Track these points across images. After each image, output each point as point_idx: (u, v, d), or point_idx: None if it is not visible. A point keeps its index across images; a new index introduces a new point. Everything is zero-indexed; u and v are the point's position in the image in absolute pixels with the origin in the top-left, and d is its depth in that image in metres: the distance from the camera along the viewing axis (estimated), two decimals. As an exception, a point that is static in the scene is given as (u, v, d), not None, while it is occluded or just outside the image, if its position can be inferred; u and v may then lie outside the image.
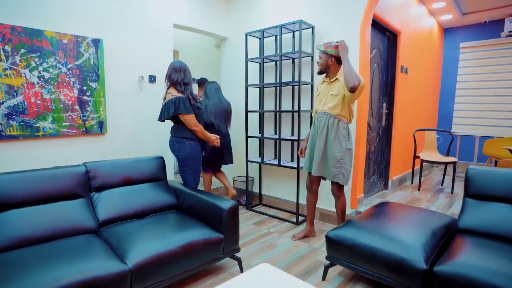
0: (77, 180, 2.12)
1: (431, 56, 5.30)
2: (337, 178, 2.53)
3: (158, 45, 3.27)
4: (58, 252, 1.69)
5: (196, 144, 2.69)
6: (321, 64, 2.57)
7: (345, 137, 2.51)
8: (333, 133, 2.51)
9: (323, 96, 2.62)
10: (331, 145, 2.52)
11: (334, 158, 2.51)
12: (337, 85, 2.54)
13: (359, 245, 1.86)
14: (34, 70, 2.42)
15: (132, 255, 1.71)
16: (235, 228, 2.17)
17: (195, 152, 2.67)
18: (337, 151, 2.50)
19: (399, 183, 4.34)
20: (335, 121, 2.52)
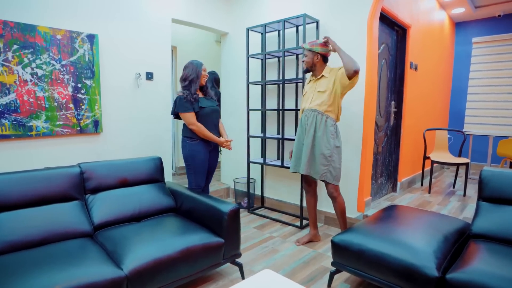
0: (71, 182, 2.11)
1: (442, 51, 5.27)
2: (325, 176, 2.57)
3: (156, 41, 3.26)
4: (51, 256, 1.69)
5: (198, 144, 2.69)
6: (307, 62, 2.63)
7: (333, 134, 2.56)
8: (321, 130, 2.56)
9: (309, 94, 2.69)
10: (319, 142, 2.56)
11: (322, 156, 2.55)
12: (323, 82, 2.61)
13: (366, 250, 1.85)
14: (27, 67, 2.42)
15: (128, 260, 1.70)
16: (236, 232, 2.16)
17: (195, 152, 2.68)
18: (325, 148, 2.54)
19: (408, 185, 4.32)
20: (323, 118, 2.56)
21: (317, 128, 2.58)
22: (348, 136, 3.12)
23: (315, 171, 2.60)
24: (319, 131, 2.57)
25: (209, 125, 2.73)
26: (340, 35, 3.11)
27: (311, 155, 2.61)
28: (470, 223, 2.14)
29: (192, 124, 2.64)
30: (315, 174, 2.60)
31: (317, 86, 2.64)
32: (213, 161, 2.88)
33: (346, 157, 3.14)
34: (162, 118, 3.38)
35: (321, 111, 2.57)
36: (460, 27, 5.89)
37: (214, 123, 2.79)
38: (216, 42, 5.48)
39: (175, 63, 4.94)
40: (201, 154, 2.71)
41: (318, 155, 2.56)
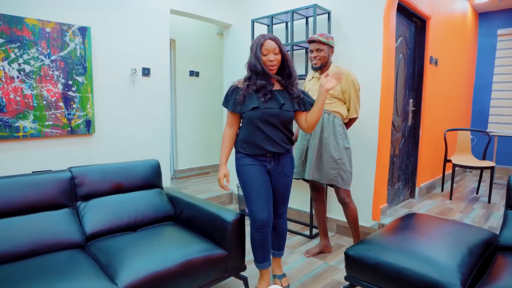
0: (61, 188, 2.11)
1: (464, 45, 5.22)
2: (335, 180, 2.54)
3: (153, 34, 3.26)
4: (40, 270, 1.68)
5: (242, 157, 2.13)
6: (322, 57, 2.55)
7: (341, 135, 2.54)
8: (329, 130, 2.53)
9: (313, 92, 2.64)
10: (326, 144, 2.53)
11: (331, 158, 2.52)
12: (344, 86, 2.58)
13: (384, 264, 1.82)
14: (13, 62, 2.42)
15: (123, 275, 1.69)
16: (240, 243, 2.15)
17: (240, 167, 2.14)
18: (334, 150, 2.52)
19: (428, 190, 4.28)
20: (330, 118, 2.54)
21: (324, 129, 2.55)
22: (362, 137, 3.10)
23: (322, 176, 2.58)
24: (326, 132, 2.54)
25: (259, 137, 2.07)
26: (353, 27, 3.08)
27: (318, 159, 2.58)
28: (496, 234, 2.11)
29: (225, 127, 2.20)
30: (323, 179, 2.57)
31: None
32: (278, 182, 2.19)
33: (360, 160, 3.12)
34: (160, 118, 3.37)
35: (327, 110, 2.55)
36: (484, 18, 5.83)
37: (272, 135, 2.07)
38: (218, 34, 5.48)
39: (173, 58, 4.94)
40: (249, 171, 2.10)
41: (327, 158, 2.54)
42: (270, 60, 2.00)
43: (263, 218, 2.09)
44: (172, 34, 4.84)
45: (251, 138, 2.08)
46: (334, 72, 2.15)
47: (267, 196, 2.12)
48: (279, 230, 2.35)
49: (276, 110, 2.03)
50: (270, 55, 2.00)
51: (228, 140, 2.16)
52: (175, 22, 4.82)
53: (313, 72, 2.74)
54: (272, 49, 2.00)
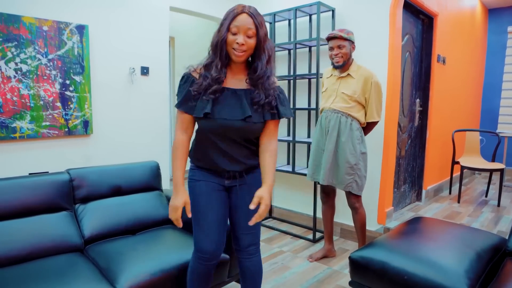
0: (59, 190, 2.14)
1: (473, 42, 5.24)
2: (350, 187, 2.55)
3: (152, 32, 3.28)
4: (38, 274, 1.71)
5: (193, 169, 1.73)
6: (345, 54, 2.52)
7: (359, 139, 2.53)
8: (346, 134, 2.52)
9: (331, 92, 2.63)
10: (343, 148, 2.52)
11: (347, 164, 2.52)
12: (351, 83, 2.54)
13: (390, 269, 1.84)
14: (10, 61, 2.45)
15: (123, 279, 1.72)
16: (242, 247, 2.17)
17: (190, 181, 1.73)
18: (350, 156, 2.50)
19: (435, 193, 4.30)
20: (348, 121, 2.53)
21: (341, 132, 2.53)
22: (367, 139, 3.11)
23: (338, 181, 2.58)
24: (343, 135, 2.52)
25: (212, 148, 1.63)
26: (358, 25, 3.10)
27: (333, 163, 2.58)
28: (506, 239, 2.13)
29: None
30: (339, 184, 2.58)
31: (341, 85, 2.58)
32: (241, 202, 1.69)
33: (365, 162, 3.14)
34: (159, 118, 3.40)
35: (345, 112, 2.53)
36: (493, 14, 5.85)
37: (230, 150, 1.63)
38: (218, 32, 5.50)
39: (172, 56, 4.97)
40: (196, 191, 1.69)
41: (343, 163, 2.53)
42: (237, 43, 1.48)
43: (209, 249, 1.65)
44: (171, 31, 4.86)
45: (203, 152, 1.65)
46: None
47: (218, 220, 1.66)
48: (249, 273, 1.74)
49: (237, 122, 1.54)
50: (239, 35, 1.49)
51: (181, 150, 1.62)
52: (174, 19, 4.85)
53: (331, 69, 2.71)
54: (245, 28, 1.49)
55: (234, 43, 1.49)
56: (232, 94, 1.57)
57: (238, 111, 1.55)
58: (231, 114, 1.55)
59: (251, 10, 1.53)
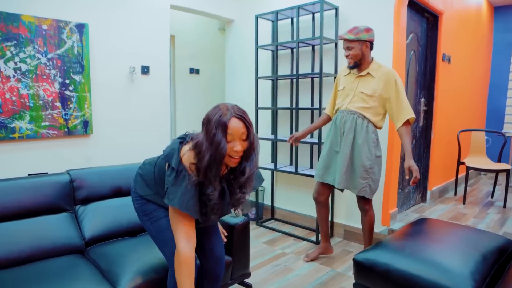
0: (59, 191, 2.16)
1: (479, 41, 5.25)
2: (364, 191, 2.55)
3: (153, 31, 3.31)
4: (38, 276, 1.73)
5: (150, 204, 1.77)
6: (355, 55, 2.49)
7: (374, 142, 2.53)
8: (362, 137, 2.50)
9: (349, 91, 2.60)
10: (359, 151, 2.51)
11: (363, 167, 2.51)
12: (370, 82, 2.51)
13: (394, 271, 1.86)
14: (9, 61, 2.48)
15: (125, 281, 1.74)
16: (245, 249, 2.20)
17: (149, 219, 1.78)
18: (366, 159, 2.50)
19: (440, 194, 4.31)
20: (364, 123, 2.51)
21: (357, 135, 2.51)
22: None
23: (353, 185, 2.57)
24: (359, 138, 2.50)
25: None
26: (362, 23, 3.12)
27: (349, 166, 2.55)
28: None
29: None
30: (353, 188, 2.58)
31: (360, 84, 2.54)
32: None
33: (368, 163, 3.16)
34: (160, 118, 3.42)
35: (362, 114, 2.51)
36: (500, 12, 5.86)
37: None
38: (220, 30, 5.52)
39: (172, 55, 4.99)
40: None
41: (358, 167, 2.52)
42: (235, 151, 1.40)
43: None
44: (171, 30, 4.88)
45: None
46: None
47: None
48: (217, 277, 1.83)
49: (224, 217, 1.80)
50: (235, 142, 1.40)
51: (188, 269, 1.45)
52: (174, 17, 4.87)
53: (345, 67, 2.68)
54: (239, 134, 1.40)
55: (231, 151, 1.40)
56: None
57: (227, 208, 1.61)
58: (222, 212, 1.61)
59: (236, 111, 1.42)
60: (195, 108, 5.31)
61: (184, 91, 5.15)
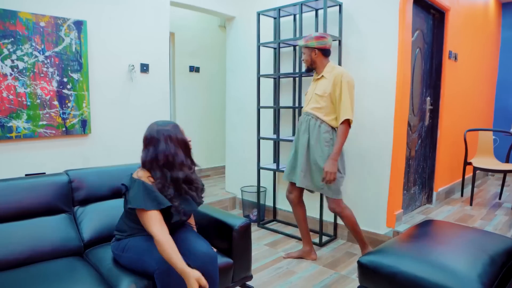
0: (58, 192, 2.16)
1: (486, 38, 5.25)
2: (323, 190, 2.71)
3: (152, 28, 3.32)
4: (36, 278, 1.73)
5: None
6: (306, 60, 2.74)
7: (327, 142, 2.66)
8: (315, 137, 2.68)
9: (309, 95, 2.83)
10: (313, 150, 2.69)
11: (316, 166, 2.68)
12: (323, 83, 2.70)
13: (399, 273, 1.86)
14: (6, 59, 2.49)
15: (125, 284, 1.74)
16: (246, 251, 2.20)
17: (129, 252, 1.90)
18: (319, 158, 2.66)
19: (446, 195, 4.31)
20: (317, 123, 2.68)
21: (310, 135, 2.70)
22: (376, 138, 3.14)
23: (313, 184, 2.73)
24: (312, 138, 2.69)
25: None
26: (367, 20, 3.12)
27: (306, 165, 2.73)
28: (521, 243, 2.15)
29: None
30: (314, 187, 2.74)
31: (316, 87, 2.74)
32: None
33: (373, 163, 3.16)
34: (159, 117, 3.41)
35: (315, 115, 2.69)
36: (508, 8, 5.85)
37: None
38: (220, 27, 5.53)
39: (172, 52, 5.00)
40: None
41: (313, 166, 2.70)
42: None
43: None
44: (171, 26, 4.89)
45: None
46: None
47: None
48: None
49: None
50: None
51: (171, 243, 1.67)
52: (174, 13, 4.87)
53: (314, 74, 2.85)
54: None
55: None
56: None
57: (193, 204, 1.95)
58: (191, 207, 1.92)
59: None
60: (195, 107, 5.32)
61: (184, 90, 5.16)
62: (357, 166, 3.28)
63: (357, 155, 3.27)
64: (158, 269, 1.67)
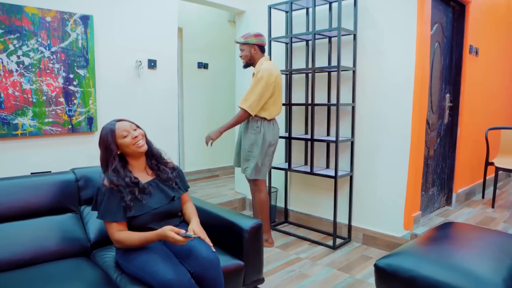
0: (64, 191, 2.18)
1: (510, 31, 5.16)
2: (246, 171, 3.19)
3: (160, 23, 3.32)
4: (42, 279, 1.75)
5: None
6: (245, 56, 3.16)
7: (254, 130, 3.12)
8: (244, 125, 3.22)
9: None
10: (243, 137, 3.21)
11: (243, 151, 3.19)
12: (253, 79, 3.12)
13: (419, 278, 1.83)
14: (12, 54, 2.51)
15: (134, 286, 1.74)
16: (258, 253, 2.19)
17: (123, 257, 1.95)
18: (246, 144, 3.16)
19: (466, 197, 4.25)
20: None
21: (244, 125, 3.23)
22: (392, 136, 3.11)
23: (242, 167, 3.25)
24: (242, 126, 3.25)
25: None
26: (383, 13, 3.09)
27: (239, 151, 3.30)
28: (548, 246, 2.10)
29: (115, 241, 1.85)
30: (242, 170, 3.25)
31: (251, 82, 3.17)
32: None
33: (389, 163, 3.13)
34: (167, 115, 3.44)
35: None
36: (531, 0, 5.74)
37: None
38: (230, 22, 5.53)
39: (180, 48, 5.01)
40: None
41: (242, 151, 3.21)
42: (135, 137, 1.90)
43: (171, 276, 1.67)
44: (179, 22, 4.91)
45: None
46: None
47: (165, 255, 1.81)
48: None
49: (166, 206, 1.96)
50: (131, 133, 1.90)
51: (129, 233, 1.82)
52: (182, 8, 4.89)
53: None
54: (128, 127, 1.92)
55: (133, 140, 1.89)
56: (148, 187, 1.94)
57: (161, 197, 1.96)
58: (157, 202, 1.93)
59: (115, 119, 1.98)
60: (203, 105, 5.33)
61: (192, 87, 5.17)
62: (373, 165, 3.25)
63: (373, 153, 3.24)
64: None
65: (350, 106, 3.31)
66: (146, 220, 1.89)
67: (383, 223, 3.22)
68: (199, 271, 1.76)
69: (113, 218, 1.82)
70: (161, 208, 1.94)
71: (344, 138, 3.31)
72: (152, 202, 1.91)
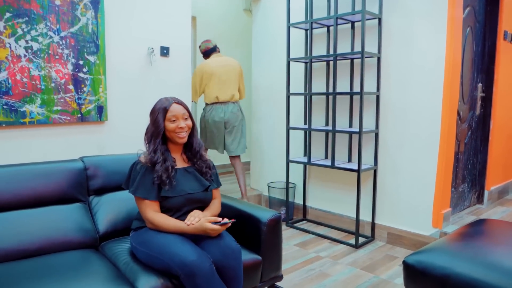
0: (72, 179, 2.15)
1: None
2: (240, 148, 4.04)
3: (173, 9, 3.30)
4: (49, 270, 1.72)
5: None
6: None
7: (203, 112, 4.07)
8: (220, 111, 3.94)
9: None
10: (231, 118, 3.97)
11: (237, 130, 4.03)
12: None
13: (454, 276, 1.75)
14: (20, 39, 2.50)
15: (144, 281, 1.70)
16: (277, 247, 2.15)
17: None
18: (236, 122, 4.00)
19: (499, 195, 4.13)
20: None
21: (222, 110, 3.93)
22: (421, 128, 3.01)
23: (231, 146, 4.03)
24: (218, 113, 3.93)
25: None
26: (411, -5, 3.00)
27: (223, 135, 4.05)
28: None
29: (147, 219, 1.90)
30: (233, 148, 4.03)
31: None
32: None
33: (417, 156, 3.05)
34: (180, 105, 3.41)
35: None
36: None
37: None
38: (245, 10, 5.49)
39: (194, 37, 4.99)
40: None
41: (236, 131, 4.01)
42: (180, 127, 1.93)
43: (191, 257, 1.66)
44: (192, 10, 4.88)
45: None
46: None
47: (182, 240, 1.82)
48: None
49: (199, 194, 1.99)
50: (179, 121, 1.93)
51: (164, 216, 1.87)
52: (197, -4, 4.87)
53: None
54: (181, 114, 1.95)
55: (177, 129, 1.93)
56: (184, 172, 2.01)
57: (197, 184, 2.00)
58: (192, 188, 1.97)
59: (174, 99, 2.00)
60: (218, 97, 5.28)
61: (206, 78, 5.13)
62: (399, 158, 3.17)
63: (399, 146, 3.16)
64: (182, 274, 1.65)
65: (375, 95, 3.22)
66: (178, 203, 1.91)
67: (410, 221, 3.13)
68: (219, 259, 1.75)
69: (146, 195, 1.86)
70: (196, 195, 1.97)
71: (368, 129, 3.23)
72: (187, 186, 1.96)
